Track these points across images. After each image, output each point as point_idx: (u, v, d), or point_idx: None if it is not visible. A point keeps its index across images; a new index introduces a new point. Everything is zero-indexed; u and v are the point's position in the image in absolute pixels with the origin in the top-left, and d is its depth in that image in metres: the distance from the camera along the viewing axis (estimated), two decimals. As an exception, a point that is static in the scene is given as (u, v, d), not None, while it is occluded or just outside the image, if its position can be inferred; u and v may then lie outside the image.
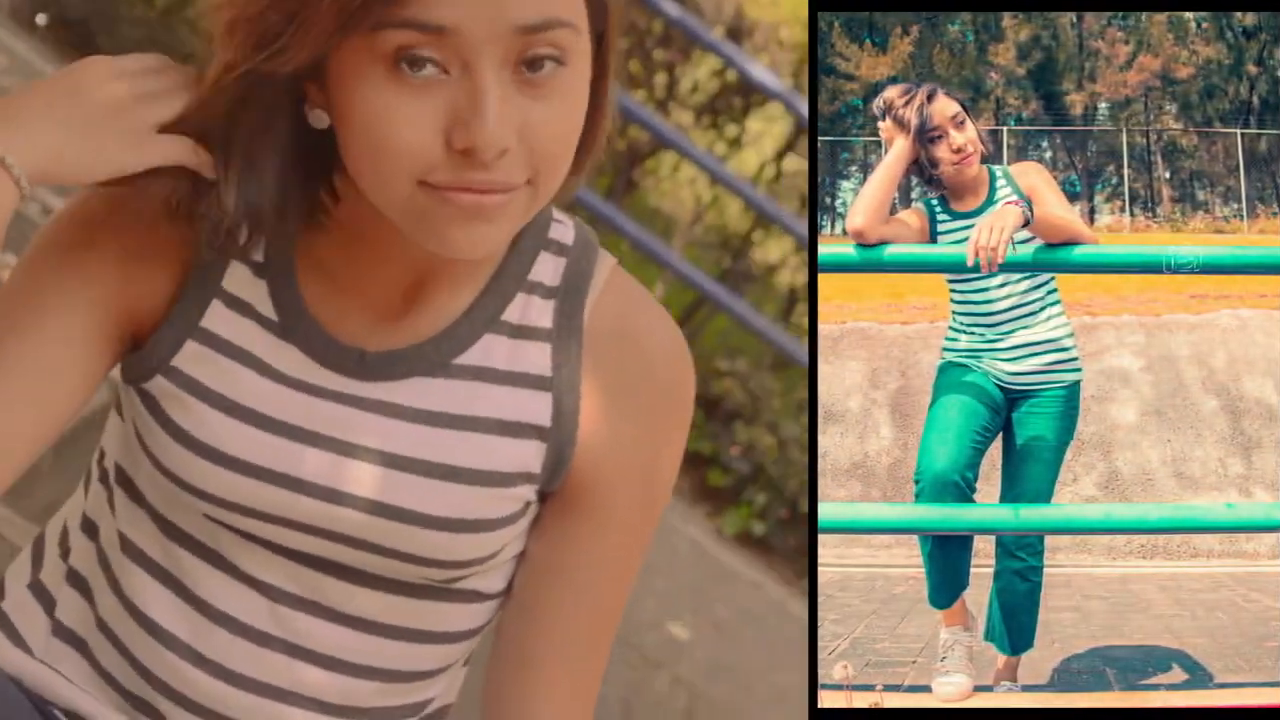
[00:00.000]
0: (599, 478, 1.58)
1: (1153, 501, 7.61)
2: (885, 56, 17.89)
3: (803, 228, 8.05)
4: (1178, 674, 4.82)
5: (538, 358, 1.55)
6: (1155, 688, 4.67)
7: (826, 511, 4.21)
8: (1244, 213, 18.71)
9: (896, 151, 4.21)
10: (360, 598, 1.60)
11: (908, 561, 5.58)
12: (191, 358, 1.54)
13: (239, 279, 1.54)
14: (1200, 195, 20.07)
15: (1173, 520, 4.46)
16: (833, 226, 14.96)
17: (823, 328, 3.97)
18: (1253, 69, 19.49)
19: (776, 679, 6.10)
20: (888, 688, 4.51)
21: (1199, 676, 4.76)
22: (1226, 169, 19.47)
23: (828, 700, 4.16)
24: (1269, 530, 4.49)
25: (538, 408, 1.54)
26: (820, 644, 4.21)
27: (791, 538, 7.99)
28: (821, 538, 4.15)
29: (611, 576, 1.63)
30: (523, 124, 1.38)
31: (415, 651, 1.64)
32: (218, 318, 1.54)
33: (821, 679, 4.22)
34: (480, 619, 1.71)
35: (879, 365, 8.22)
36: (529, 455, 1.55)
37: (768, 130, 8.93)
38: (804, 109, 8.03)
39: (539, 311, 1.57)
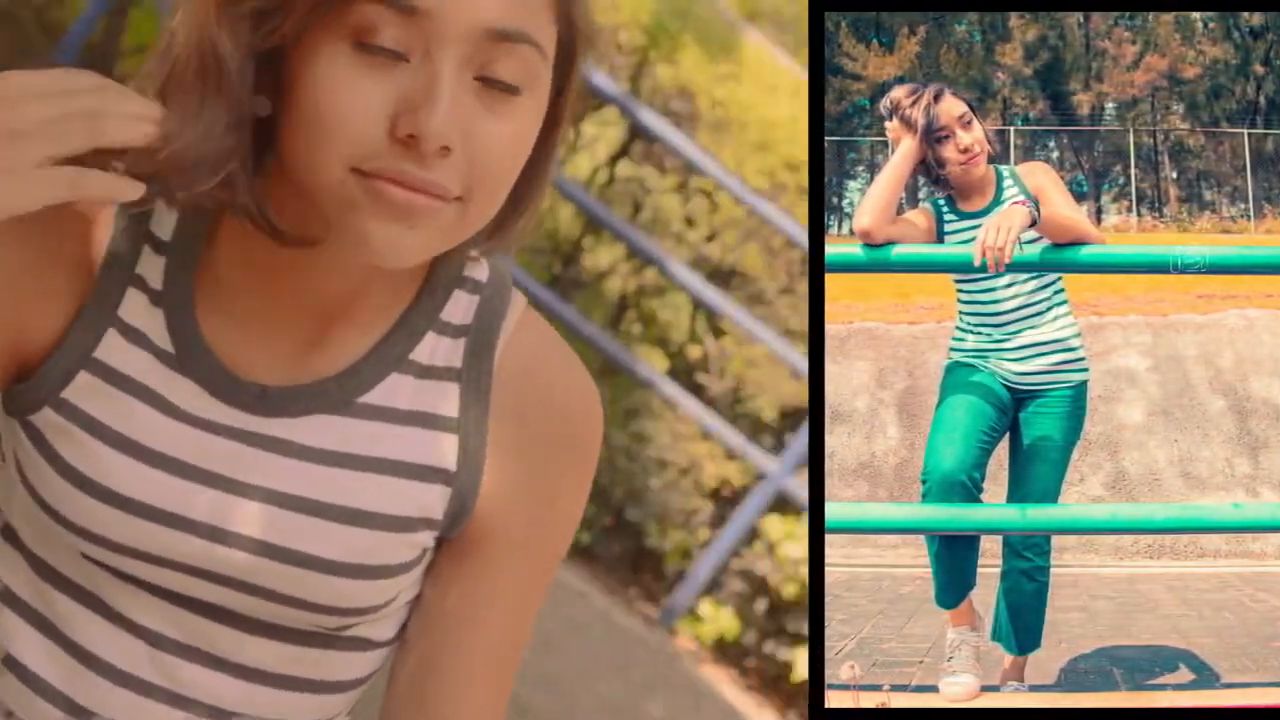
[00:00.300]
0: (500, 524, 1.52)
1: (1160, 501, 7.61)
2: (892, 56, 17.90)
3: (634, 234, 8.18)
4: (1185, 674, 4.81)
5: (445, 399, 1.49)
6: (1162, 688, 4.66)
7: (833, 512, 4.20)
8: (1251, 213, 18.70)
9: (903, 151, 4.21)
10: (248, 646, 1.52)
11: (914, 561, 5.57)
12: (83, 390, 1.45)
13: (135, 308, 1.45)
14: (1207, 195, 20.06)
15: (1180, 520, 4.46)
16: (840, 226, 14.96)
17: (830, 328, 3.97)
18: (1260, 69, 19.48)
19: (600, 689, 6.10)
20: (895, 688, 4.51)
21: (1206, 676, 4.75)
22: (1233, 169, 19.46)
23: (835, 700, 4.16)
24: (1276, 530, 4.49)
25: (443, 450, 1.49)
26: (827, 644, 4.20)
27: (616, 545, 8.05)
28: (828, 538, 4.15)
29: (509, 622, 1.56)
30: (470, 130, 1.34)
31: (301, 701, 1.56)
32: (112, 348, 1.45)
33: (828, 679, 4.22)
34: (369, 668, 1.63)
35: (886, 365, 8.22)
36: (431, 500, 1.48)
37: (602, 135, 8.89)
38: (640, 114, 8.15)
39: (449, 351, 1.51)
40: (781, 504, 7.61)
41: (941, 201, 4.33)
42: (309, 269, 1.43)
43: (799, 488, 7.54)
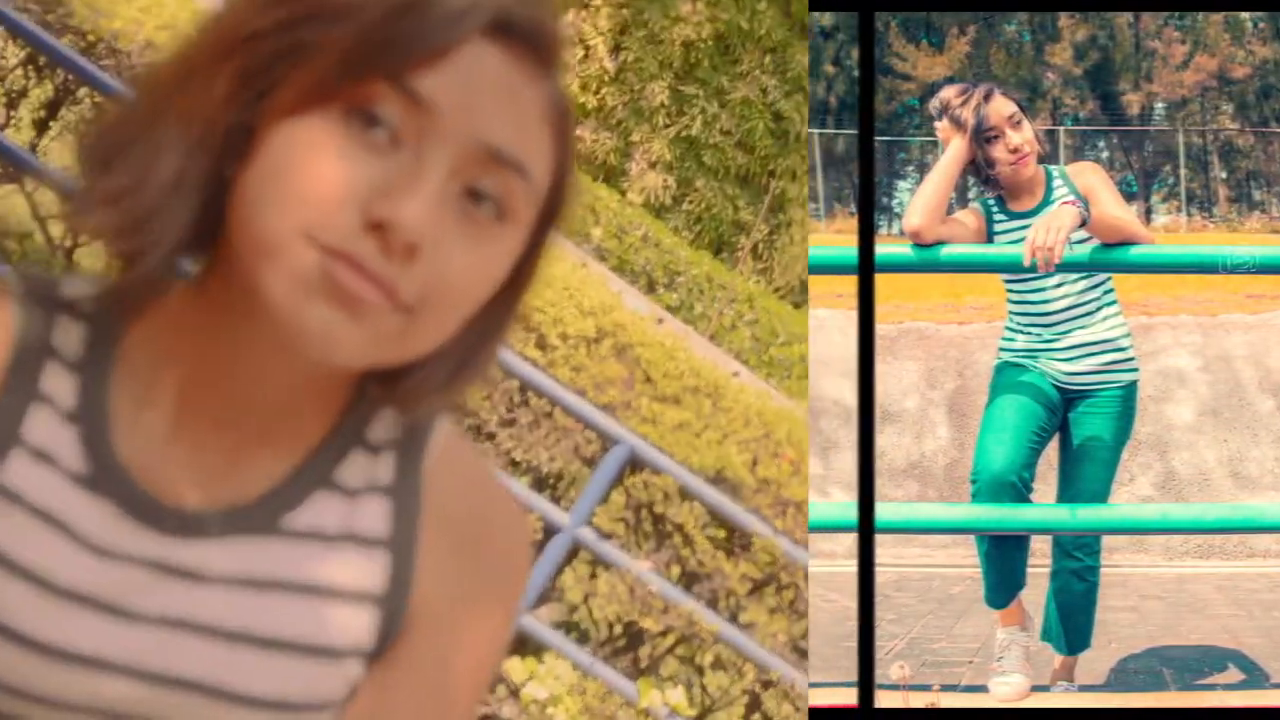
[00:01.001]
0: (429, 638, 1.41)
1: (1210, 501, 7.56)
2: (942, 56, 17.86)
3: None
4: (1234, 674, 4.78)
5: (375, 516, 1.39)
6: (1212, 687, 4.63)
7: (883, 512, 4.19)
8: (1300, 213, 18.61)
9: (953, 151, 4.19)
10: None
11: (964, 561, 5.54)
12: None
13: (42, 428, 1.32)
14: (1256, 195, 19.96)
15: (1230, 520, 4.43)
16: (890, 226, 14.91)
17: (880, 328, 3.94)
18: (1310, 69, 19.36)
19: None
20: (944, 688, 4.49)
21: (1256, 677, 4.72)
22: (1283, 169, 19.36)
23: (884, 700, 4.15)
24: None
25: (373, 570, 1.38)
26: (877, 644, 4.19)
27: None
28: (878, 538, 4.14)
29: None
30: (441, 241, 1.24)
31: None
32: (15, 471, 1.32)
33: (879, 679, 4.21)
34: None
35: (936, 365, 8.19)
36: (361, 625, 1.37)
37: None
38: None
39: (376, 467, 1.41)
40: (521, 643, 6.62)
41: (991, 201, 4.31)
42: (232, 386, 1.33)
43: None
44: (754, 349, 12.20)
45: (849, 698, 4.22)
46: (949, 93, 4.23)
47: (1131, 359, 4.44)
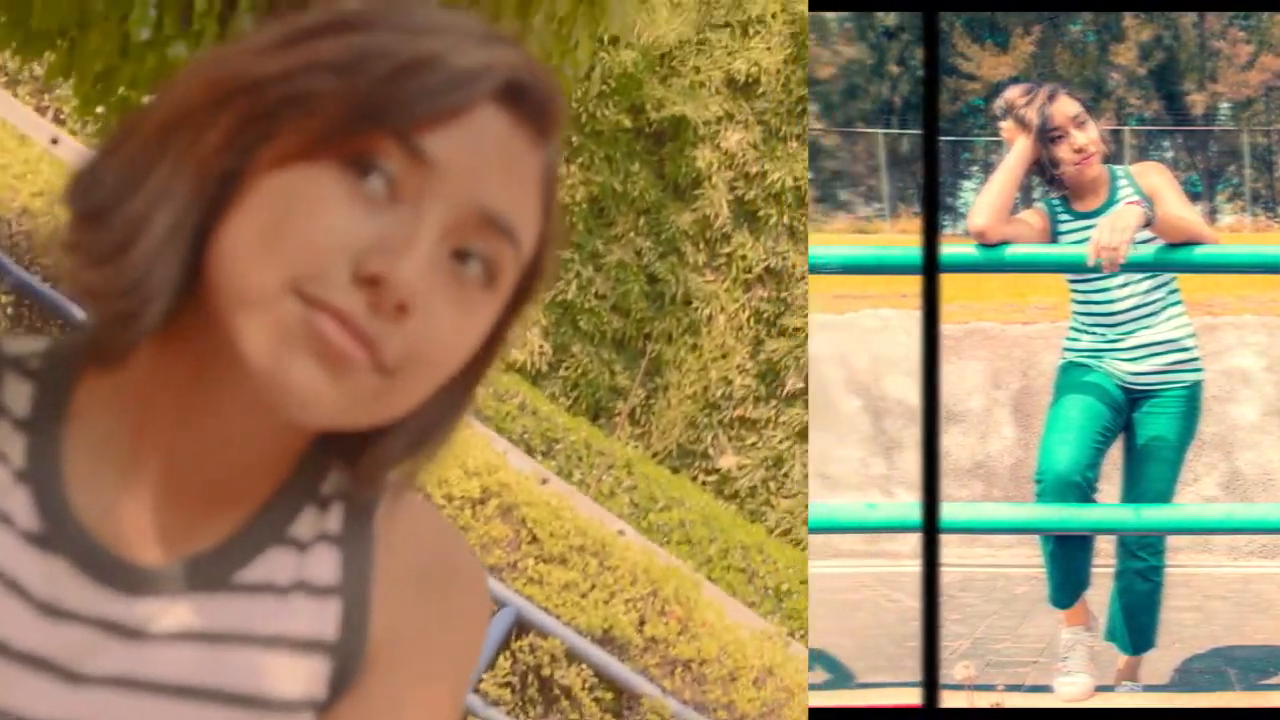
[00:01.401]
0: (386, 685, 1.37)
1: (1275, 502, 7.52)
2: (1007, 56, 17.78)
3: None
4: (1300, 674, 4.75)
5: (325, 564, 1.35)
6: (1277, 688, 4.61)
7: (948, 512, 4.19)
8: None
9: (1018, 152, 4.19)
10: None
11: (1029, 561, 5.53)
12: None
13: None
14: (1322, 195, 19.84)
15: (1295, 520, 4.41)
16: (954, 226, 14.89)
17: (945, 328, 3.94)
18: (1376, 67, 19.24)
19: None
20: (1009, 688, 4.49)
21: (1321, 677, 4.69)
22: (1349, 168, 19.26)
23: (949, 700, 4.15)
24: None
25: (324, 618, 1.34)
26: (941, 644, 4.19)
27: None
28: (943, 538, 4.14)
29: None
30: (427, 303, 1.21)
31: None
32: None
33: (943, 679, 4.20)
34: None
35: (1001, 365, 8.18)
36: (314, 674, 1.33)
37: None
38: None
39: (326, 519, 1.37)
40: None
41: (1056, 201, 4.31)
42: (191, 443, 1.29)
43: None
44: (633, 515, 12.12)
45: (913, 698, 4.22)
46: (1014, 93, 4.23)
47: (1196, 359, 4.42)
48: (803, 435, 14.02)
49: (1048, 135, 4.17)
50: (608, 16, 4.95)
